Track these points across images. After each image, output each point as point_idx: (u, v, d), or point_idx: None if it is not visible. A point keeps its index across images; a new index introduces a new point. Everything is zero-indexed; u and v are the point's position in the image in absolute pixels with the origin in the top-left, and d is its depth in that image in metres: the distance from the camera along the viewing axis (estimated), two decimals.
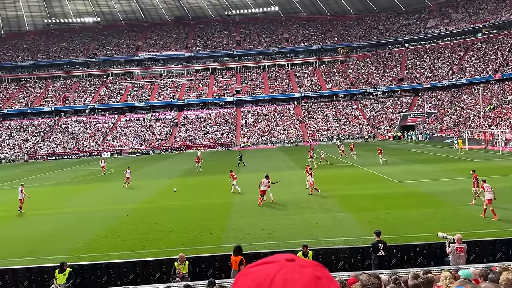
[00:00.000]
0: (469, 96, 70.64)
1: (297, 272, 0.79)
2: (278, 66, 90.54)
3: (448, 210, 18.36)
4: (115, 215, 21.01)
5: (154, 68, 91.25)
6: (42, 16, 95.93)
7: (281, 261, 0.82)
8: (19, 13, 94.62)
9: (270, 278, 0.78)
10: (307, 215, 18.70)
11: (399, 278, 7.15)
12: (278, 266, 0.80)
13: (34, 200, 25.55)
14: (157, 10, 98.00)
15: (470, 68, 74.93)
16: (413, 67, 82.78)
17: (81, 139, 74.72)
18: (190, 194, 26.43)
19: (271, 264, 0.81)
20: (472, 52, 78.64)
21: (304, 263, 0.83)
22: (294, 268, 0.80)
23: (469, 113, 65.13)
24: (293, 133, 73.54)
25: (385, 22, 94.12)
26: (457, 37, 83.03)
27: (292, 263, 0.81)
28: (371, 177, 29.39)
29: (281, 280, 0.77)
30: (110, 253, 14.40)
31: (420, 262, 11.79)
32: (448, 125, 65.34)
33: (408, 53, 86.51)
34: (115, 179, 36.10)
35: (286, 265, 0.81)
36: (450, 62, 79.84)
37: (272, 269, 0.80)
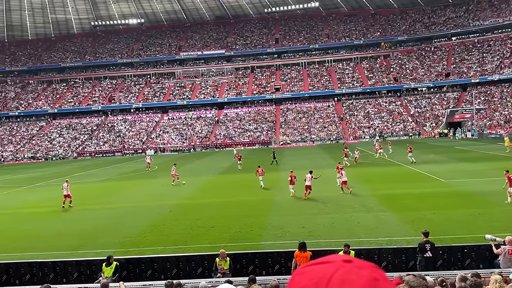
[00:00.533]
0: None
1: (354, 273, 0.79)
2: (318, 63, 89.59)
3: (496, 210, 17.52)
4: (159, 211, 21.59)
5: (195, 67, 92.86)
6: (89, 19, 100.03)
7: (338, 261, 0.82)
8: (67, 16, 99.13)
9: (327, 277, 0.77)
10: (348, 214, 18.42)
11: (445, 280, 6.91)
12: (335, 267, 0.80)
13: (82, 196, 26.74)
14: (198, 10, 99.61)
15: None
16: (460, 62, 79.44)
17: (126, 137, 77.27)
18: (230, 191, 26.72)
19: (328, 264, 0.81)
20: None
21: (361, 264, 0.82)
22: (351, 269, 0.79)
23: None
24: (333, 131, 72.59)
25: (430, 15, 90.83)
26: (508, 29, 78.82)
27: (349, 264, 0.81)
28: (416, 176, 28.51)
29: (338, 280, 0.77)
30: (154, 248, 14.81)
31: (468, 264, 11.32)
32: (499, 121, 62.25)
33: (455, 47, 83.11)
34: (159, 176, 37.10)
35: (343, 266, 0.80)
36: (500, 55, 75.98)
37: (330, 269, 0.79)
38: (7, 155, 74.14)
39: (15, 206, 25.81)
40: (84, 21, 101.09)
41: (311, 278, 0.78)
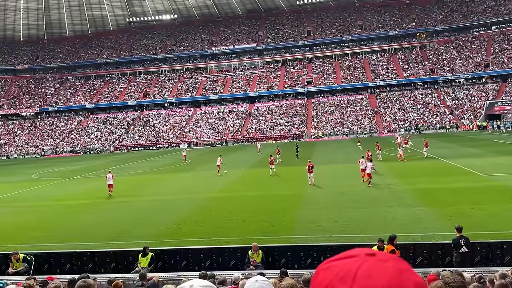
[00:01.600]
0: None
1: (379, 266, 0.80)
2: (351, 55, 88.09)
3: None
4: (192, 203, 21.97)
5: (227, 61, 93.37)
6: (124, 15, 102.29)
7: (361, 255, 0.82)
8: (103, 13, 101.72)
9: (353, 272, 0.78)
10: (383, 208, 18.12)
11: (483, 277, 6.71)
12: (359, 261, 0.81)
13: (119, 189, 27.53)
14: (229, 4, 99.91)
15: None
16: (500, 52, 76.12)
17: (160, 131, 78.83)
18: (261, 184, 26.82)
19: (352, 259, 0.82)
20: None
21: (385, 257, 0.84)
22: (375, 263, 0.80)
23: None
24: (367, 124, 71.35)
25: (468, 4, 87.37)
26: None
27: (373, 258, 0.82)
28: (453, 170, 27.67)
29: (364, 275, 0.78)
30: (188, 239, 15.10)
31: (508, 261, 10.94)
32: None
33: (494, 37, 79.68)
34: (192, 169, 37.70)
35: (367, 260, 0.81)
36: None
37: (354, 264, 0.80)
38: (47, 149, 77.22)
39: (57, 198, 26.90)
40: (119, 17, 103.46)
41: (336, 274, 0.79)
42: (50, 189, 31.34)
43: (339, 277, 0.79)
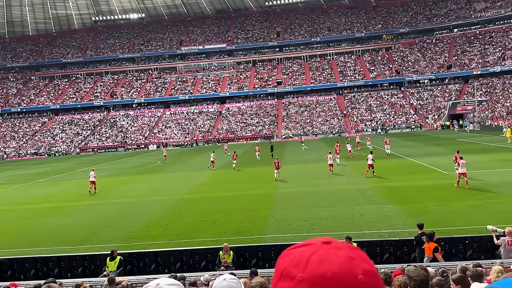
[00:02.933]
0: None
1: (332, 253, 0.85)
2: (319, 56, 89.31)
3: (498, 202, 17.56)
4: (162, 205, 21.71)
5: (196, 61, 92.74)
6: (90, 14, 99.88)
7: (318, 243, 0.88)
8: (68, 11, 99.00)
9: (306, 258, 0.84)
10: (351, 206, 18.48)
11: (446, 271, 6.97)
12: (314, 248, 0.86)
13: (85, 192, 26.87)
14: (198, 4, 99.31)
15: None
16: (462, 53, 79.08)
17: (128, 132, 77.42)
18: (233, 185, 26.81)
19: (308, 247, 0.87)
20: None
21: (339, 246, 0.88)
22: (329, 250, 0.86)
23: None
24: (335, 124, 72.53)
25: (432, 7, 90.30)
26: (510, 20, 78.30)
27: (328, 245, 0.87)
28: (418, 168, 28.54)
29: (316, 260, 0.83)
30: (158, 242, 14.93)
31: (470, 255, 11.39)
32: (501, 113, 62.07)
33: (457, 39, 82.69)
34: (161, 171, 37.23)
35: (322, 247, 0.86)
36: (502, 47, 75.59)
37: (309, 251, 0.86)
38: (9, 151, 74.40)
39: (20, 202, 25.98)
40: (85, 16, 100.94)
41: (292, 260, 0.85)
42: (13, 193, 30.23)
43: (294, 263, 0.84)
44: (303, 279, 0.81)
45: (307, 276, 0.81)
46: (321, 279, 0.80)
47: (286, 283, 0.84)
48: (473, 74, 74.40)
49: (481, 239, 11.79)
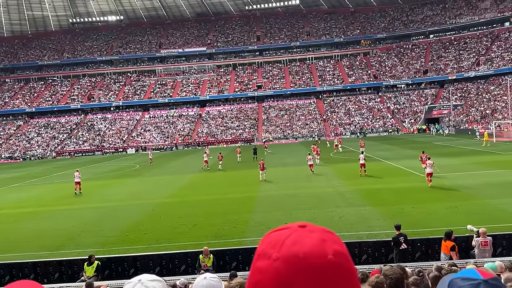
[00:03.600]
0: (496, 87, 68.73)
1: (305, 236, 0.94)
2: (299, 60, 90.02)
3: (473, 203, 18.04)
4: (141, 209, 21.47)
5: (176, 64, 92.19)
6: (67, 16, 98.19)
7: (294, 227, 0.98)
8: (44, 13, 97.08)
9: (282, 240, 0.93)
10: (330, 209, 18.68)
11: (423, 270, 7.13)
12: (290, 231, 0.96)
13: (63, 196, 26.36)
14: (178, 7, 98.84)
15: (498, 59, 72.82)
16: (438, 59, 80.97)
17: (106, 136, 76.31)
18: (213, 188, 26.72)
19: (285, 230, 0.97)
20: (500, 42, 76.36)
21: (313, 229, 0.98)
22: (303, 233, 0.95)
23: (497, 104, 63.40)
24: (315, 128, 73.17)
25: (408, 13, 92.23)
26: (484, 26, 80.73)
27: (303, 229, 0.97)
28: (395, 171, 29.06)
29: (291, 242, 0.92)
30: (136, 247, 14.76)
31: None
32: (475, 117, 63.77)
33: (432, 44, 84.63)
34: (139, 175, 36.83)
35: (298, 230, 0.96)
36: (476, 52, 77.74)
37: (285, 234, 0.95)
38: None
39: None
40: (62, 18, 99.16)
41: (269, 242, 0.95)
42: None
43: (271, 245, 0.94)
44: (278, 258, 0.90)
45: (282, 256, 0.90)
46: (294, 259, 0.89)
47: (263, 262, 0.92)
48: (448, 79, 76.24)
49: (456, 240, 12.08)
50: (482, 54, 76.33)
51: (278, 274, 0.89)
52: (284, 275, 0.89)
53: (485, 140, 42.73)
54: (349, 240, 12.80)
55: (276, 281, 0.89)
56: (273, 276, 0.90)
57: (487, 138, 43.10)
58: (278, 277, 0.89)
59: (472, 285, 1.10)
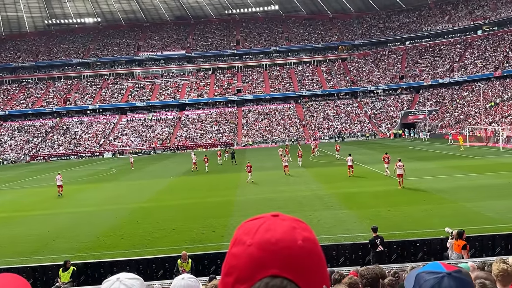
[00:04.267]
0: (470, 93, 70.66)
1: (277, 224, 1.02)
2: (278, 65, 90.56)
3: (449, 206, 18.47)
4: (118, 214, 21.16)
5: (154, 68, 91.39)
6: (42, 17, 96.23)
7: (267, 216, 1.05)
8: (19, 14, 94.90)
9: (256, 228, 1.01)
10: (309, 212, 18.82)
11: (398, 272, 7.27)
12: (264, 220, 1.03)
13: (37, 201, 25.75)
14: (157, 10, 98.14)
15: (471, 66, 74.92)
16: (413, 65, 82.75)
17: (82, 140, 74.94)
18: (192, 193, 26.57)
19: (259, 219, 1.04)
20: (473, 49, 78.62)
21: (285, 218, 1.05)
22: (276, 221, 1.03)
23: (470, 110, 65.17)
24: (294, 132, 73.68)
25: (385, 20, 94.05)
26: (458, 34, 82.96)
27: (275, 218, 1.04)
28: (372, 174, 29.52)
29: (264, 229, 1.00)
30: (113, 252, 14.54)
31: (421, 257, 11.91)
32: (449, 122, 65.37)
33: (408, 51, 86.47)
34: (116, 179, 36.30)
35: (270, 219, 1.03)
36: (450, 59, 79.80)
37: (259, 222, 1.03)
38: None
39: None
40: (37, 19, 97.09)
41: (244, 230, 1.03)
42: None
43: (246, 232, 1.02)
44: (251, 244, 0.98)
45: (255, 242, 0.98)
46: (266, 244, 0.97)
47: (238, 248, 1.00)
48: (423, 84, 77.99)
49: (431, 242, 12.38)
50: (456, 61, 78.41)
51: (252, 258, 0.97)
52: (258, 259, 0.96)
53: (461, 144, 43.91)
54: (327, 243, 12.93)
55: (250, 265, 0.97)
56: (247, 260, 0.97)
57: (462, 143, 44.28)
58: (252, 261, 0.97)
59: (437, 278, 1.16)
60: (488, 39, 77.60)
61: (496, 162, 31.84)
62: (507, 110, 57.04)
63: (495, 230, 13.51)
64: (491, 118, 57.43)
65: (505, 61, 69.76)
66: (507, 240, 12.21)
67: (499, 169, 27.77)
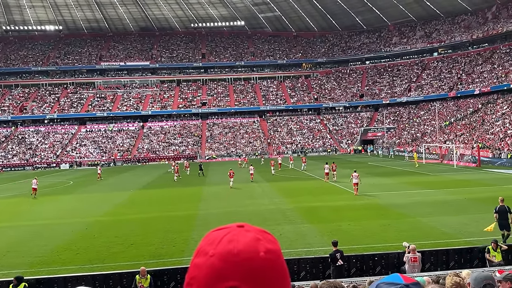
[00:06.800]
0: (426, 112, 73.69)
1: (241, 235, 1.01)
2: (244, 80, 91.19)
3: (406, 221, 19.02)
4: (74, 228, 20.38)
5: (117, 78, 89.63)
6: (0, 23, 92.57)
7: (233, 227, 1.04)
8: None
9: (219, 238, 1.00)
10: (271, 226, 18.83)
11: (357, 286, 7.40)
12: (228, 230, 1.02)
13: None
14: (121, 20, 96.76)
15: (427, 86, 78.32)
16: (373, 84, 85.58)
17: (38, 150, 72.06)
18: (152, 206, 26.03)
19: (224, 229, 1.04)
20: (429, 70, 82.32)
21: (250, 229, 1.05)
22: (240, 232, 1.02)
23: (426, 128, 67.91)
24: (258, 146, 74.05)
25: (347, 40, 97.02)
26: (415, 55, 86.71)
27: (240, 228, 1.04)
28: (333, 189, 30.03)
29: (227, 240, 0.99)
30: (68, 267, 13.95)
31: (379, 271, 12.16)
32: (406, 139, 67.78)
33: (368, 70, 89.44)
34: (73, 192, 35.09)
35: (235, 230, 1.03)
36: (408, 79, 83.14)
37: (223, 233, 1.02)
38: None
39: None
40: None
41: (208, 240, 1.02)
42: None
43: (209, 242, 1.01)
44: (213, 254, 0.97)
45: (217, 252, 0.97)
46: (228, 255, 0.96)
47: (200, 258, 0.99)
48: (382, 103, 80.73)
49: (388, 256, 12.69)
50: (413, 81, 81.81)
51: (213, 269, 0.96)
52: (219, 270, 0.95)
53: (416, 161, 45.62)
54: (288, 257, 12.97)
55: (211, 276, 0.95)
56: (209, 271, 0.96)
57: (417, 159, 46.01)
58: (213, 272, 0.95)
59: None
60: (443, 61, 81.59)
61: (450, 179, 33.20)
62: (461, 129, 59.87)
63: (449, 245, 14.04)
64: (445, 136, 60.05)
65: (458, 82, 73.47)
66: (460, 255, 12.71)
67: (453, 186, 28.96)
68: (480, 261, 12.12)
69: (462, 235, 16.20)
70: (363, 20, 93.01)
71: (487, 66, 71.40)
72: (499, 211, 14.43)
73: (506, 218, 14.29)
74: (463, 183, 30.15)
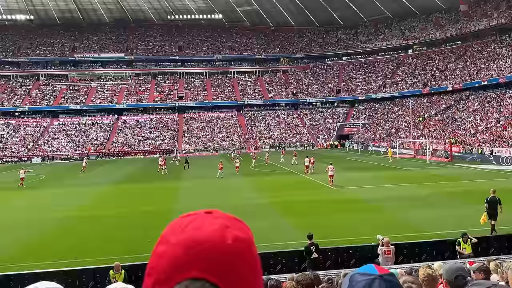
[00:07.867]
0: (400, 108, 75.07)
1: (208, 222, 0.92)
2: (221, 74, 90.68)
3: (379, 215, 19.37)
4: (46, 223, 19.91)
5: (91, 70, 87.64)
6: None
7: (200, 213, 0.96)
8: None
9: (185, 225, 0.91)
10: (248, 221, 18.55)
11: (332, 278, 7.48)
12: (195, 217, 0.94)
13: None
14: (95, 11, 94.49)
15: (402, 82, 79.74)
16: (349, 80, 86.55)
17: (9, 143, 69.94)
18: (128, 201, 25.67)
19: (191, 216, 0.95)
20: (404, 67, 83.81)
21: (219, 215, 0.95)
22: (207, 219, 0.93)
23: (400, 124, 69.22)
24: (235, 141, 73.91)
25: (324, 36, 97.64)
26: (390, 52, 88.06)
27: (208, 215, 0.95)
28: (309, 183, 30.30)
29: (192, 227, 0.90)
30: (40, 263, 13.61)
31: (353, 263, 12.34)
32: (381, 135, 68.94)
33: (345, 66, 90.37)
34: (41, 186, 34.30)
35: (202, 216, 0.94)
36: (383, 75, 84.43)
37: (189, 219, 0.93)
38: None
39: None
40: None
41: (172, 227, 0.93)
42: None
43: (173, 229, 0.92)
44: (177, 242, 0.88)
45: (181, 241, 0.88)
46: (193, 243, 0.87)
47: (161, 247, 0.91)
48: (358, 99, 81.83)
49: (363, 249, 12.90)
50: (389, 77, 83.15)
51: (173, 259, 0.87)
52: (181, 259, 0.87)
53: (390, 156, 46.51)
54: (265, 250, 13.01)
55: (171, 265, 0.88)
56: (169, 261, 0.88)
57: (391, 154, 46.90)
58: (174, 261, 0.87)
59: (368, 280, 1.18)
60: (418, 58, 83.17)
61: (423, 174, 33.97)
62: (434, 125, 61.28)
63: (421, 238, 14.38)
64: (419, 132, 61.36)
65: (432, 79, 75.08)
66: (432, 247, 13.03)
67: (426, 180, 29.63)
68: (451, 253, 12.46)
69: (434, 228, 16.61)
70: (340, 16, 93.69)
71: (459, 64, 73.18)
72: (490, 201, 15.11)
73: (495, 208, 15.01)
74: (435, 178, 30.88)
